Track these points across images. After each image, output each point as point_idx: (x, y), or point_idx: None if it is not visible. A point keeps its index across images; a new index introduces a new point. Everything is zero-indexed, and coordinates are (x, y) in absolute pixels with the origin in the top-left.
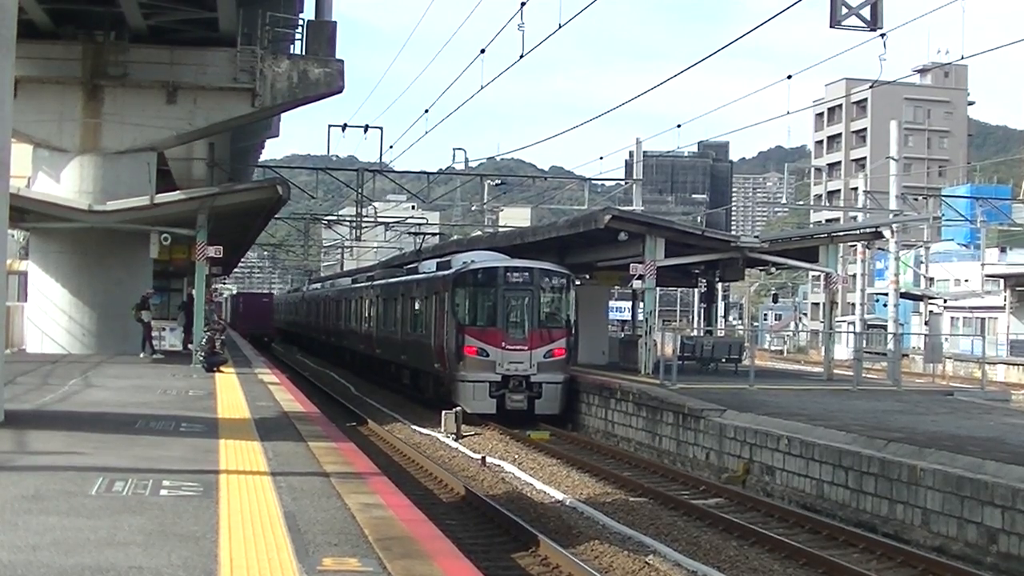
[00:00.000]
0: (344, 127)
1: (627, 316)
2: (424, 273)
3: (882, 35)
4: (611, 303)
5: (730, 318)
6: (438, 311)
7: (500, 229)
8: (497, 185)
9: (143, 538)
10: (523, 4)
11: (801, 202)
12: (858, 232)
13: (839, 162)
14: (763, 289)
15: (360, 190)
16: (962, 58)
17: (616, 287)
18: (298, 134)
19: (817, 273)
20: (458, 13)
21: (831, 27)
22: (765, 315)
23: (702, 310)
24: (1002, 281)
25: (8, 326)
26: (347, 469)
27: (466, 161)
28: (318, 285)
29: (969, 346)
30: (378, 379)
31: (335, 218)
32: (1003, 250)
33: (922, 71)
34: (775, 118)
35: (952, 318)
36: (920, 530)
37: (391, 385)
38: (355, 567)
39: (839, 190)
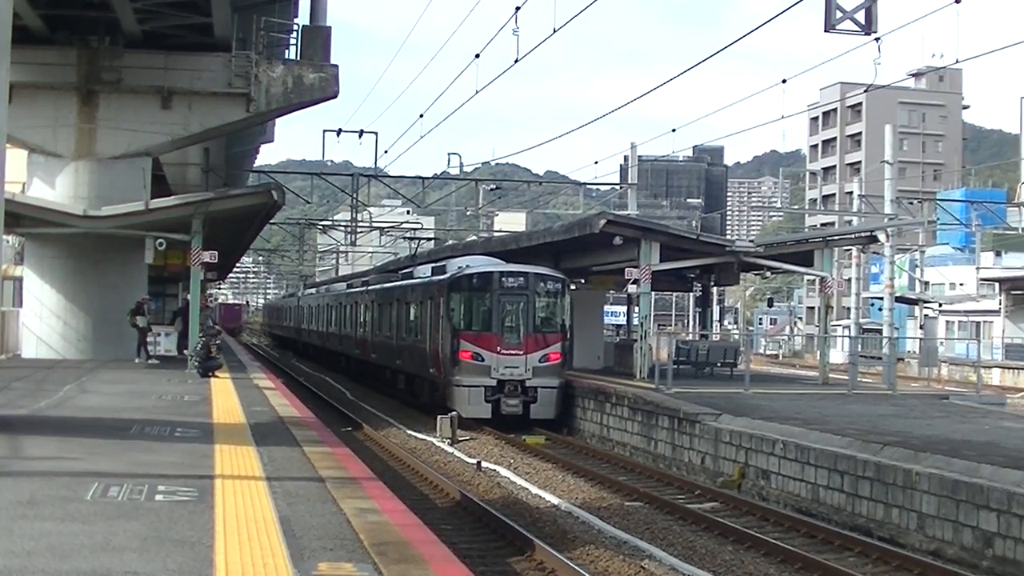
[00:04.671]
0: (339, 132)
1: (622, 320)
2: (419, 278)
3: (876, 39)
4: (606, 307)
5: (725, 322)
6: (433, 316)
7: (495, 234)
8: (492, 190)
9: (139, 543)
10: (517, 9)
11: (796, 206)
12: (853, 236)
13: (834, 166)
14: (758, 293)
15: (355, 195)
16: (956, 62)
17: (611, 291)
18: (293, 139)
19: (812, 277)
20: (453, 17)
21: (826, 31)
22: (760, 319)
23: (697, 314)
24: (997, 285)
25: (3, 331)
26: (342, 474)
27: (461, 166)
28: (313, 290)
29: (964, 350)
30: (373, 384)
31: (330, 223)
32: (998, 254)
33: (917, 75)
34: (770, 122)
35: (947, 322)
36: (916, 534)
37: (386, 390)
38: (350, 572)
39: (834, 194)
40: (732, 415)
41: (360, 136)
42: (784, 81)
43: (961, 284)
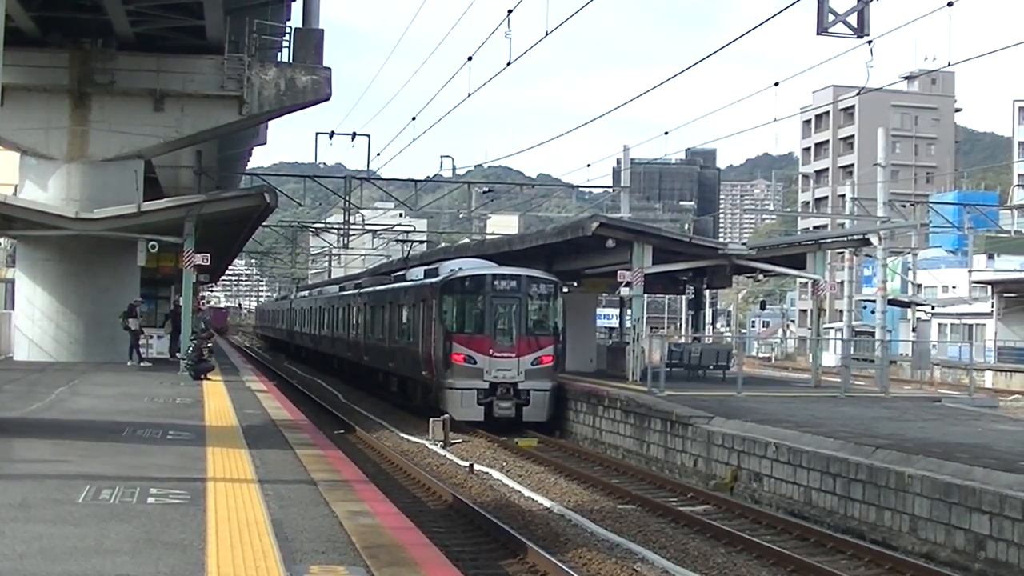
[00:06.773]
0: (331, 134)
1: (615, 323)
2: (412, 281)
3: (869, 42)
4: (599, 310)
5: (718, 325)
6: (426, 318)
7: (488, 236)
8: (485, 192)
9: (131, 546)
10: (510, 11)
11: (788, 209)
12: (846, 239)
13: (826, 169)
14: (751, 296)
15: (347, 198)
16: (949, 65)
17: (604, 294)
18: (285, 142)
19: (805, 280)
20: (445, 20)
21: (818, 34)
22: (753, 322)
23: (690, 317)
24: (989, 288)
25: None
26: (335, 477)
27: (453, 168)
28: (306, 293)
29: (957, 352)
30: (366, 387)
31: (323, 226)
32: (990, 256)
33: (909, 78)
34: (763, 125)
35: (940, 325)
36: (908, 537)
37: (379, 393)
38: (342, 575)
39: (826, 197)
40: (725, 418)
41: (353, 139)
42: (777, 84)
43: (953, 287)
